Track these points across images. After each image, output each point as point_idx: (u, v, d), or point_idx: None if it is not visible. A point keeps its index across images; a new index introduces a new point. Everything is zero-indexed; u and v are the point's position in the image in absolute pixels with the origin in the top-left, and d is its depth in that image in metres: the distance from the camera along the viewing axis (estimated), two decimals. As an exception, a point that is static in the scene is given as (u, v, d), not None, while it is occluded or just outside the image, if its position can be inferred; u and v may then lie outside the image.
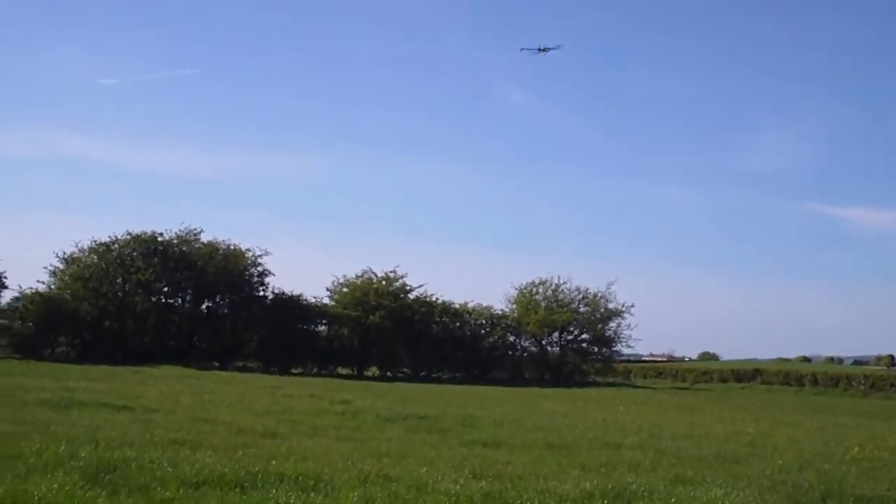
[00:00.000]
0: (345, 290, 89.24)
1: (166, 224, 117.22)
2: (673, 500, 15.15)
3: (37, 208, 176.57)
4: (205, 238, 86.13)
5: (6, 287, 77.79)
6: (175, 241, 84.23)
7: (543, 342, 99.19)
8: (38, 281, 79.18)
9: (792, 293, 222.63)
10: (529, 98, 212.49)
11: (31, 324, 75.61)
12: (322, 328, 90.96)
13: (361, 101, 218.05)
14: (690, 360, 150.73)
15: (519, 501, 14.27)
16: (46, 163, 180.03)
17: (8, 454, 15.97)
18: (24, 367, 53.25)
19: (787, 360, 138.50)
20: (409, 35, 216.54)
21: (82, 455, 15.90)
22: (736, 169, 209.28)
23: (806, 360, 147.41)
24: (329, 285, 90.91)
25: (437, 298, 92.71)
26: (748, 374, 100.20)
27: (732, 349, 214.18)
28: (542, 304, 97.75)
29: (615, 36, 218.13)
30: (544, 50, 49.71)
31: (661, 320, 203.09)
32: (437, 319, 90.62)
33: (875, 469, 21.69)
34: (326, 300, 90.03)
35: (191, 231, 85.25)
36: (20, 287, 77.83)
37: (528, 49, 49.66)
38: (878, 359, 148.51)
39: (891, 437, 32.44)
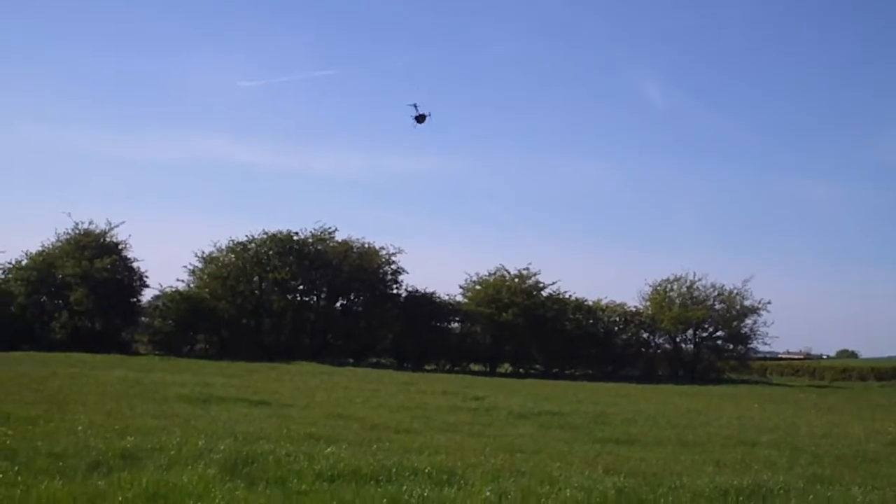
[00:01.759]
0: (478, 287, 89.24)
1: (303, 223, 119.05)
2: (810, 497, 14.91)
3: (177, 209, 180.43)
4: (339, 237, 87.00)
5: (147, 286, 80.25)
6: (310, 240, 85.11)
7: (677, 339, 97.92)
8: (177, 280, 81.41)
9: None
10: (667, 93, 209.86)
11: (171, 321, 77.38)
12: (455, 325, 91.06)
13: (497, 101, 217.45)
14: (828, 357, 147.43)
15: (652, 497, 14.21)
16: (186, 164, 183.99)
17: (151, 447, 16.46)
18: (164, 363, 54.69)
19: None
20: (544, 34, 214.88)
21: (221, 448, 16.28)
22: (880, 161, 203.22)
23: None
24: (462, 283, 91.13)
25: (570, 295, 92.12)
26: (889, 373, 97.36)
27: (872, 347, 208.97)
28: (677, 301, 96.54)
29: (753, 28, 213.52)
30: (420, 118, 48.19)
31: (799, 317, 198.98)
32: (571, 317, 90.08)
33: None
34: (459, 297, 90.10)
35: (325, 230, 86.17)
36: (161, 286, 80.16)
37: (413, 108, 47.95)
38: None
39: None
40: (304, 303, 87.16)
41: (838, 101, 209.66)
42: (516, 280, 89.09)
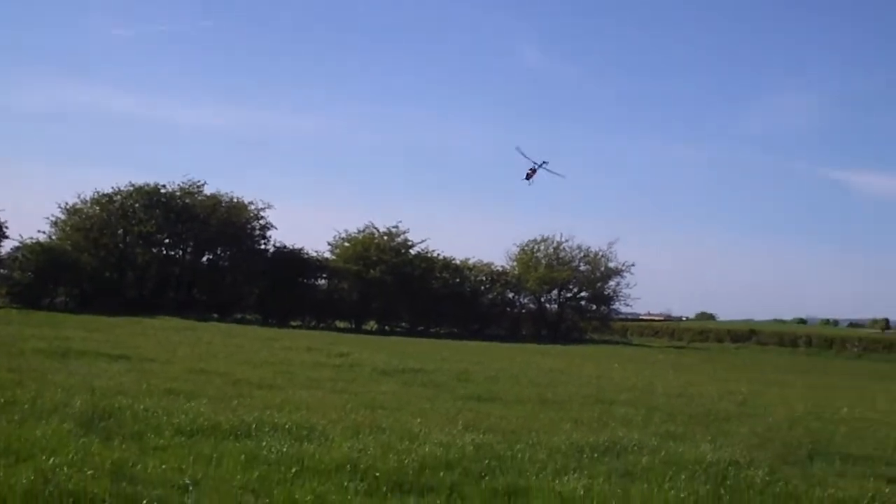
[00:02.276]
0: (346, 244, 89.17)
1: (171, 176, 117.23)
2: (662, 453, 15.33)
3: (41, 158, 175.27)
4: (208, 190, 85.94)
5: (6, 237, 77.70)
6: (178, 194, 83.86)
7: (542, 299, 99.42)
8: (39, 231, 78.91)
9: (790, 255, 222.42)
10: (542, 57, 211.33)
11: (30, 273, 75.18)
12: (322, 282, 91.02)
13: (373, 58, 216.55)
14: (687, 319, 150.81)
15: (510, 453, 14.44)
16: (54, 113, 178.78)
17: (4, 401, 16.12)
18: (22, 316, 53.33)
19: (783, 322, 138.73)
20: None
21: (77, 403, 16.05)
22: (742, 129, 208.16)
23: (802, 321, 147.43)
24: (331, 240, 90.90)
25: (438, 254, 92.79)
26: (744, 335, 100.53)
27: (729, 310, 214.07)
28: (543, 261, 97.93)
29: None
30: (530, 174, 48.37)
31: (660, 280, 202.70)
32: (438, 275, 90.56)
33: (863, 429, 21.99)
34: (328, 254, 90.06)
35: (194, 183, 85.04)
36: (21, 237, 77.59)
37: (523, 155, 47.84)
38: (874, 322, 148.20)
39: (880, 399, 32.87)
40: (170, 257, 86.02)
41: (713, 70, 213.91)
42: (385, 238, 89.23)
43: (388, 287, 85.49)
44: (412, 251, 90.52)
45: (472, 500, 11.65)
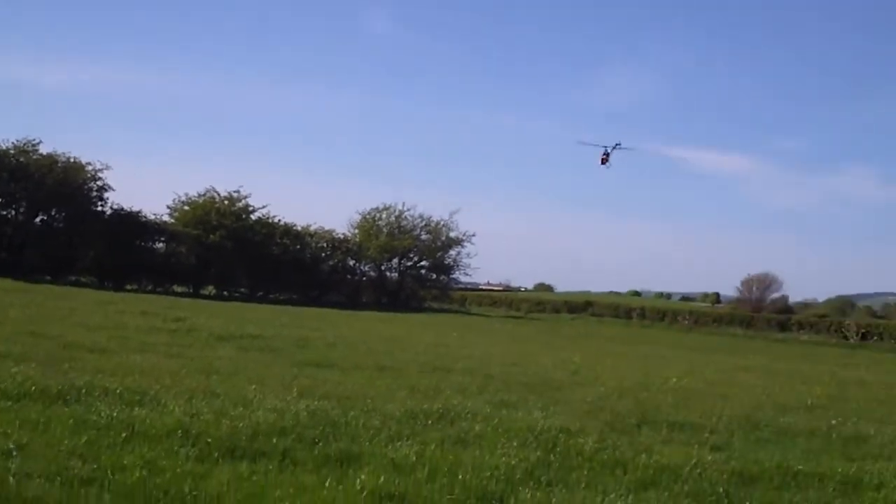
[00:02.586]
0: (186, 208, 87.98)
1: (4, 134, 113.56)
2: (495, 421, 15.59)
3: None
4: (44, 150, 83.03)
5: None
6: (12, 152, 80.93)
7: (383, 267, 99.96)
8: None
9: (628, 229, 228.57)
10: (395, 26, 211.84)
11: None
12: (160, 245, 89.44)
13: (216, 18, 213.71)
14: (526, 290, 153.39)
15: (344, 419, 14.50)
16: None
17: None
18: None
19: (619, 294, 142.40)
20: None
21: None
22: (584, 105, 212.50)
23: (636, 294, 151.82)
24: (170, 203, 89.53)
25: (279, 220, 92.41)
26: (580, 306, 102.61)
27: (567, 281, 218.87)
28: (385, 230, 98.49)
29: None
30: (605, 159, 48.50)
31: (500, 251, 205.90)
32: (278, 241, 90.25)
33: (690, 398, 22.71)
34: (167, 217, 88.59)
35: (29, 142, 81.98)
36: None
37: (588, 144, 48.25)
38: (705, 296, 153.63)
39: (708, 369, 34.00)
40: (1, 216, 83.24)
41: (557, 47, 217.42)
42: (226, 202, 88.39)
43: (228, 252, 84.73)
44: (253, 216, 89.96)
45: (304, 465, 11.67)
